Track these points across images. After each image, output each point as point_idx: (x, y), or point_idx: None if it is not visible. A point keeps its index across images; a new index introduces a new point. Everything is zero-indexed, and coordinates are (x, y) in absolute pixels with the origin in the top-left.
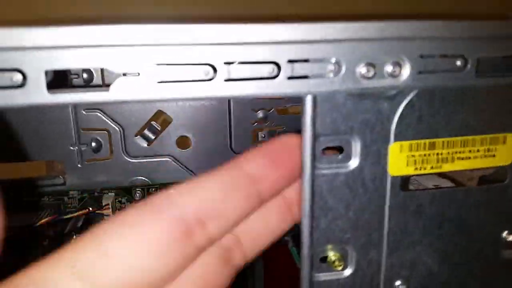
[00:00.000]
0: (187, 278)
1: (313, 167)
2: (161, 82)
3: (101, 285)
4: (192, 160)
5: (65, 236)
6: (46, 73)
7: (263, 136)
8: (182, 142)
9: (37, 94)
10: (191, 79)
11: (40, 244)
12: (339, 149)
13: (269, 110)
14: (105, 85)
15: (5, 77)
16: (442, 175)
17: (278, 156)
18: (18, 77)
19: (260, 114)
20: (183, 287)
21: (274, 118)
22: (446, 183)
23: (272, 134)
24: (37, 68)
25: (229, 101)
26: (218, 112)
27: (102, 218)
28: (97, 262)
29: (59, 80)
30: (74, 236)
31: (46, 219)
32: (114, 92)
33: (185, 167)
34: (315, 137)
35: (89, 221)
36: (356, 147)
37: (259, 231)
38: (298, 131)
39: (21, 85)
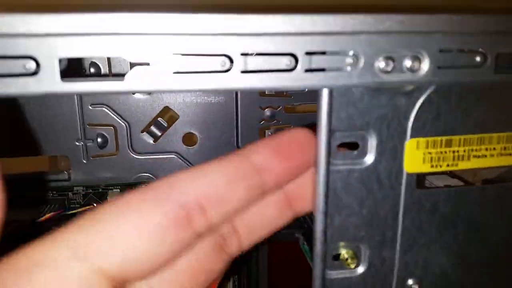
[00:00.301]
0: (184, 262)
1: (328, 163)
2: (176, 72)
3: (100, 266)
4: (198, 158)
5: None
6: (60, 61)
7: (270, 134)
8: (188, 139)
9: (50, 82)
10: (207, 70)
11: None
12: (354, 145)
13: (277, 109)
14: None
15: (18, 64)
16: (452, 175)
17: (286, 149)
18: (31, 64)
19: (267, 112)
20: (179, 270)
21: (282, 116)
22: (457, 183)
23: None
24: (51, 56)
25: (236, 98)
26: (225, 110)
27: None
28: (98, 243)
29: (72, 70)
30: None
31: (51, 214)
32: (129, 82)
33: (191, 164)
34: (330, 132)
35: None
36: (372, 143)
37: (257, 222)
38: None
39: (34, 73)
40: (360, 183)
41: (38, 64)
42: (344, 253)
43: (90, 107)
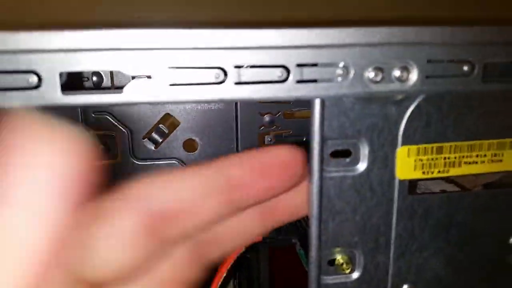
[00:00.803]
0: (161, 269)
1: (321, 170)
2: (173, 84)
3: (75, 271)
4: (199, 162)
5: None
6: (61, 75)
7: (270, 140)
8: (189, 145)
9: (51, 95)
10: (202, 82)
11: None
12: (347, 153)
13: (276, 114)
14: (114, 88)
15: (21, 78)
16: (449, 180)
17: (268, 167)
18: (33, 78)
19: (266, 118)
20: (156, 277)
21: (281, 122)
22: (453, 189)
23: (278, 138)
24: (52, 70)
25: (236, 104)
26: (225, 116)
27: None
28: (75, 250)
29: (72, 82)
30: None
31: None
32: (127, 94)
33: None
34: (323, 140)
35: None
36: (364, 151)
37: (237, 231)
38: (305, 135)
39: (37, 87)
40: (353, 190)
41: (40, 78)
42: (339, 258)
43: (92, 115)
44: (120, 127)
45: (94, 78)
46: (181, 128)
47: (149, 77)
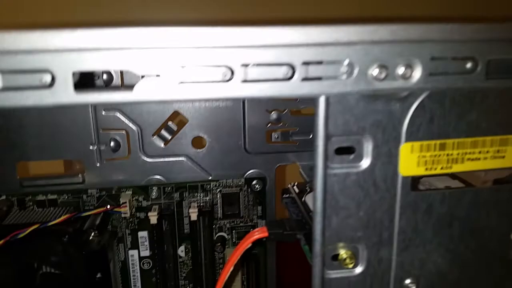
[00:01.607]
0: None
1: (326, 166)
2: (181, 83)
3: None
4: (207, 160)
5: (83, 233)
6: (74, 74)
7: (277, 137)
8: (197, 142)
9: (64, 94)
10: (210, 80)
11: (60, 240)
12: (351, 150)
13: (283, 111)
14: (124, 86)
15: (35, 77)
16: (454, 177)
17: None
18: (47, 78)
19: (274, 115)
20: None
21: (288, 119)
22: (458, 185)
23: (285, 135)
24: (65, 69)
25: (243, 102)
26: (232, 113)
27: (120, 215)
28: None
29: (83, 80)
30: (93, 233)
31: (66, 216)
32: (138, 93)
33: (200, 166)
34: (327, 137)
35: (107, 219)
36: (368, 147)
37: None
38: (312, 132)
39: (50, 85)
40: (356, 186)
41: (53, 78)
42: (342, 253)
43: (103, 113)
44: (130, 125)
45: (105, 77)
46: (190, 126)
47: (158, 75)
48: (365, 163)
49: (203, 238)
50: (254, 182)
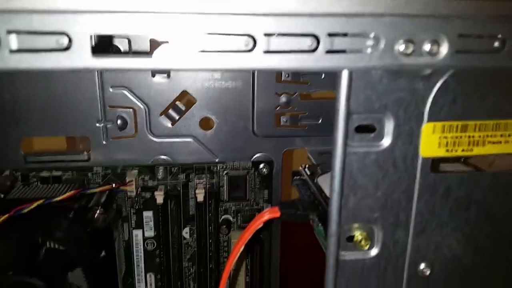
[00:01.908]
0: None
1: (345, 145)
2: (202, 51)
3: None
4: (214, 142)
5: (89, 210)
6: (91, 37)
7: (285, 120)
8: (205, 123)
9: (81, 57)
10: (231, 50)
11: (65, 216)
12: (371, 129)
13: (293, 95)
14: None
15: (51, 39)
16: (466, 163)
17: None
18: (64, 40)
19: (283, 98)
20: None
21: (297, 103)
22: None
23: (294, 119)
24: (83, 32)
25: (253, 84)
26: (241, 95)
27: (125, 195)
28: None
29: (101, 46)
30: (98, 211)
31: (71, 192)
32: (157, 59)
33: (207, 148)
34: (348, 114)
35: (112, 197)
36: (389, 126)
37: None
38: (320, 117)
39: (67, 48)
40: (376, 166)
41: (70, 40)
42: (358, 234)
43: (111, 90)
44: (138, 103)
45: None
46: (198, 106)
47: (178, 43)
48: (386, 142)
49: (209, 220)
50: (261, 166)
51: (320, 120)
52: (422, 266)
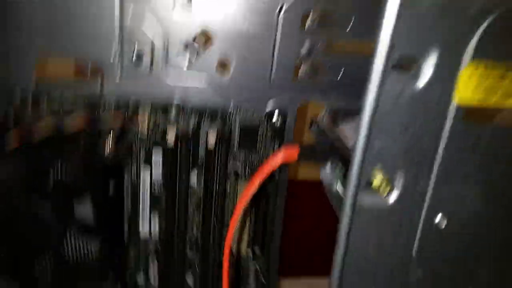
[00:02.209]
0: None
1: (382, 83)
2: None
3: None
4: (230, 87)
5: (100, 146)
6: None
7: (304, 72)
8: (222, 67)
9: None
10: None
11: (76, 147)
12: (408, 68)
13: (315, 46)
14: None
15: None
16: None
17: None
18: None
19: (304, 49)
20: None
21: (319, 55)
22: None
23: (314, 71)
24: None
25: (276, 31)
26: (262, 41)
27: (135, 135)
28: None
29: None
30: (109, 148)
31: (82, 124)
32: None
33: (222, 93)
34: (390, 47)
35: (123, 136)
36: (428, 66)
37: None
38: (341, 72)
39: None
40: (407, 107)
41: None
42: (378, 178)
43: (129, 21)
44: (156, 38)
45: None
46: (216, 49)
47: None
48: (422, 82)
49: (218, 166)
50: (275, 117)
51: (340, 75)
52: (438, 218)
